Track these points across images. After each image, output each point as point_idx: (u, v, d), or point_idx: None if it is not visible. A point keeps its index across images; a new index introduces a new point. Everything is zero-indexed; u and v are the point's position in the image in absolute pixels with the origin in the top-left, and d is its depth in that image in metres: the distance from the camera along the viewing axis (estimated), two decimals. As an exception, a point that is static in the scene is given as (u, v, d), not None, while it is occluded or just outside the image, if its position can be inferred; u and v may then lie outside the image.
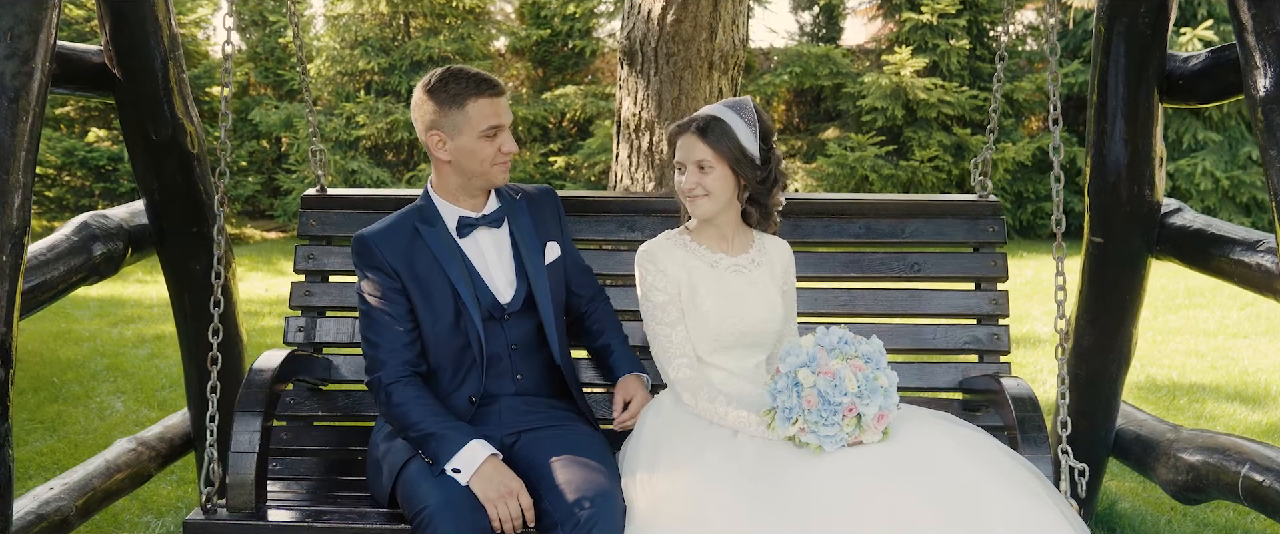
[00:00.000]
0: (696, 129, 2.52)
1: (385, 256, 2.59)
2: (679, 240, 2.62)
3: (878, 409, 2.29)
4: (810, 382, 2.28)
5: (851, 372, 2.29)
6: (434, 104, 2.57)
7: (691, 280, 2.55)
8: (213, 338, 2.65)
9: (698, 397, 2.48)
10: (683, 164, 2.54)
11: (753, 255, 2.64)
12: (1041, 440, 2.58)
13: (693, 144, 2.53)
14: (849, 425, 2.27)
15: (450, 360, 2.61)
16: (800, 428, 2.29)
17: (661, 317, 2.54)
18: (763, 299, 2.61)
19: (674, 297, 2.55)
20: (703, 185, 2.52)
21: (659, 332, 2.55)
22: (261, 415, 2.61)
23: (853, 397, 2.27)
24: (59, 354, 6.46)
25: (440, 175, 2.66)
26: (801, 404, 2.28)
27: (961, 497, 2.17)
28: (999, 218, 3.20)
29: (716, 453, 2.38)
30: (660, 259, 2.57)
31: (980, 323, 3.12)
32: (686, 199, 2.56)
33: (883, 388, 2.30)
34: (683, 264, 2.57)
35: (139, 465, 3.37)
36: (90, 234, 3.06)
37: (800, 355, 2.33)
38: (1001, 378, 2.85)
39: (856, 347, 2.34)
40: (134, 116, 3.18)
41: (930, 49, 11.58)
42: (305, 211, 3.22)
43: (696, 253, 2.60)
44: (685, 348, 2.53)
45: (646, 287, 2.57)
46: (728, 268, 2.60)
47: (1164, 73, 3.03)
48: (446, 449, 2.45)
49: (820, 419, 2.27)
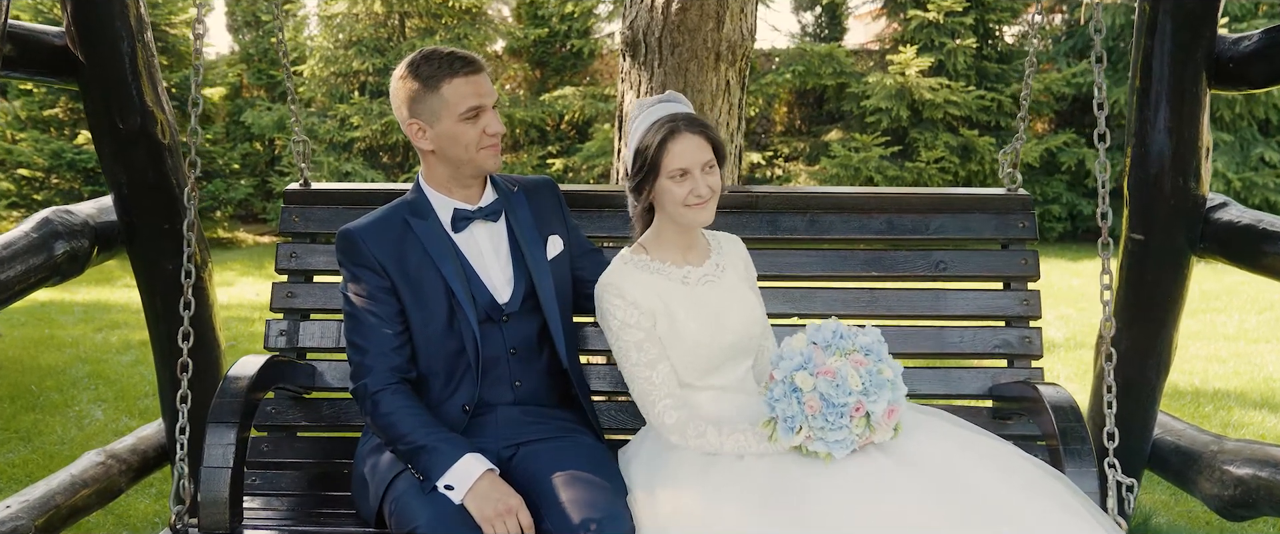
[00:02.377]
0: (699, 128, 2.28)
1: (373, 252, 2.40)
2: (639, 262, 2.34)
3: (887, 404, 2.11)
4: (810, 385, 2.10)
5: (853, 368, 2.10)
6: (408, 90, 2.39)
7: (667, 306, 2.30)
8: (183, 342, 2.44)
9: (687, 436, 2.26)
10: (689, 169, 2.26)
11: (715, 259, 2.41)
12: (1085, 453, 2.39)
13: (701, 145, 2.27)
14: (858, 426, 2.10)
15: (443, 366, 2.42)
16: (806, 436, 2.11)
17: (639, 356, 2.27)
18: (741, 304, 2.39)
19: (650, 331, 2.28)
20: (711, 187, 2.29)
21: (638, 374, 2.28)
22: (236, 426, 2.41)
23: (858, 395, 2.09)
24: (39, 361, 6.27)
25: (428, 166, 2.49)
26: (804, 410, 2.10)
27: (994, 516, 2.02)
28: (1029, 212, 3.02)
29: (723, 474, 2.19)
30: (627, 289, 2.29)
31: (1009, 325, 2.95)
32: (695, 207, 2.27)
33: (889, 380, 2.12)
34: (652, 289, 2.31)
35: (108, 480, 3.16)
36: (52, 231, 2.84)
37: (794, 358, 2.14)
38: (1038, 385, 2.64)
39: (854, 339, 2.15)
40: (99, 103, 2.96)
41: (936, 48, 11.39)
42: (288, 207, 3.03)
43: (663, 272, 2.34)
44: (670, 387, 2.28)
45: (617, 324, 2.29)
46: (699, 281, 2.36)
47: (1213, 55, 2.82)
48: (438, 463, 2.25)
49: (827, 424, 2.09)
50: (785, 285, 2.97)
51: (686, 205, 2.26)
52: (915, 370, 2.94)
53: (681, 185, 2.25)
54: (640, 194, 2.32)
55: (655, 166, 2.25)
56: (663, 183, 2.27)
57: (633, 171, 2.31)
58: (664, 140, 2.25)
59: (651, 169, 2.25)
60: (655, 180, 2.27)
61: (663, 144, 2.25)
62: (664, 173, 2.25)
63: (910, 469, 2.12)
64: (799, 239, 3.01)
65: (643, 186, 2.29)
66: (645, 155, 2.26)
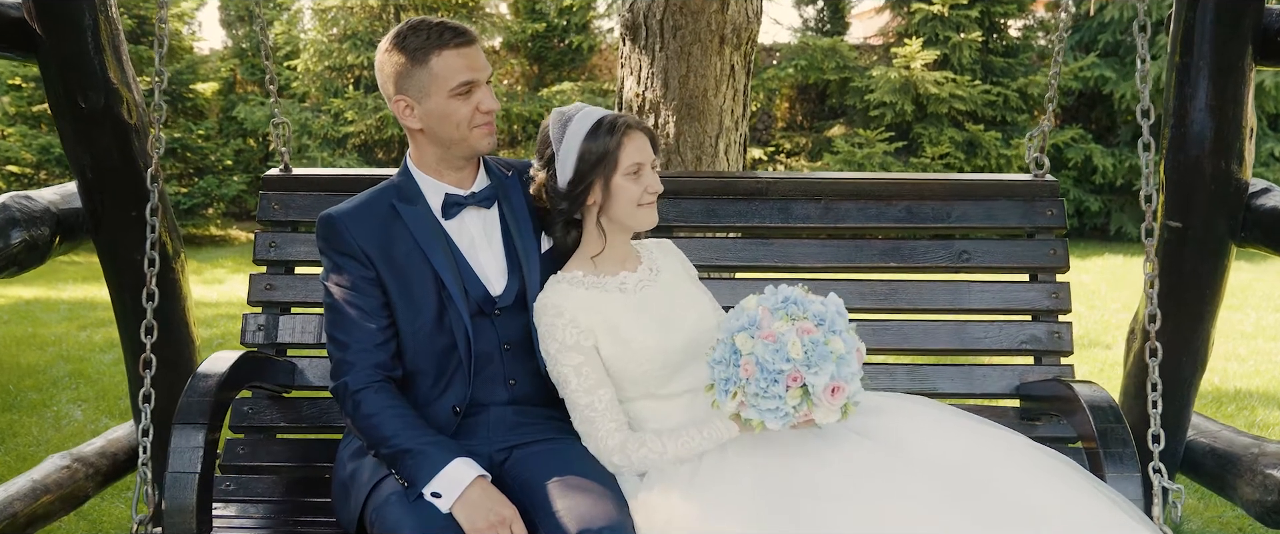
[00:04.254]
0: (643, 128, 2.18)
1: (357, 239, 2.22)
2: (576, 280, 2.20)
3: (829, 379, 1.94)
4: (748, 348, 1.96)
5: (798, 335, 1.94)
6: (394, 64, 2.21)
7: (607, 319, 2.16)
8: (146, 337, 2.25)
9: (630, 454, 2.11)
10: (644, 165, 2.16)
11: (646, 263, 2.28)
12: (1128, 457, 2.22)
13: (646, 143, 2.18)
14: (793, 398, 1.94)
15: (432, 363, 2.24)
16: (740, 403, 1.97)
17: (578, 382, 2.14)
18: (685, 300, 2.26)
19: (589, 353, 2.14)
20: (659, 186, 2.20)
21: (580, 400, 2.14)
22: (204, 428, 2.23)
23: (797, 364, 1.93)
24: (20, 359, 6.09)
25: (417, 147, 2.31)
26: (739, 373, 1.95)
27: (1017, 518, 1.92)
28: (1058, 199, 2.85)
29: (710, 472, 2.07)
30: (566, 307, 2.15)
31: (1037, 319, 2.79)
32: (645, 208, 2.17)
33: (836, 354, 1.95)
34: (591, 306, 2.16)
35: (74, 485, 2.96)
36: (9, 218, 2.64)
37: (741, 317, 2.01)
38: (1073, 383, 2.46)
39: (806, 306, 1.99)
40: (60, 81, 2.75)
41: (941, 42, 11.20)
42: (267, 194, 2.85)
43: (599, 286, 2.20)
44: (613, 411, 2.14)
45: (555, 347, 2.15)
46: (637, 287, 2.22)
47: (1260, 27, 2.62)
48: (425, 469, 2.07)
49: (759, 391, 1.94)
50: (798, 277, 2.81)
51: (640, 205, 2.17)
52: (936, 368, 2.77)
53: (637, 183, 2.16)
54: (582, 200, 2.19)
55: (613, 163, 2.14)
56: (618, 181, 2.15)
57: (574, 176, 2.17)
58: (621, 138, 2.15)
59: (609, 166, 2.14)
60: (611, 178, 2.15)
61: (620, 141, 2.14)
62: (620, 169, 2.15)
63: (919, 469, 2.00)
64: (812, 227, 2.85)
65: (590, 189, 2.17)
66: (602, 153, 2.15)
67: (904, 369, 2.76)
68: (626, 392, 2.19)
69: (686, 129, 3.95)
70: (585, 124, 2.17)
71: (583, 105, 2.22)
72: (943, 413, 2.29)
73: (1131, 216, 11.05)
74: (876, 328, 2.75)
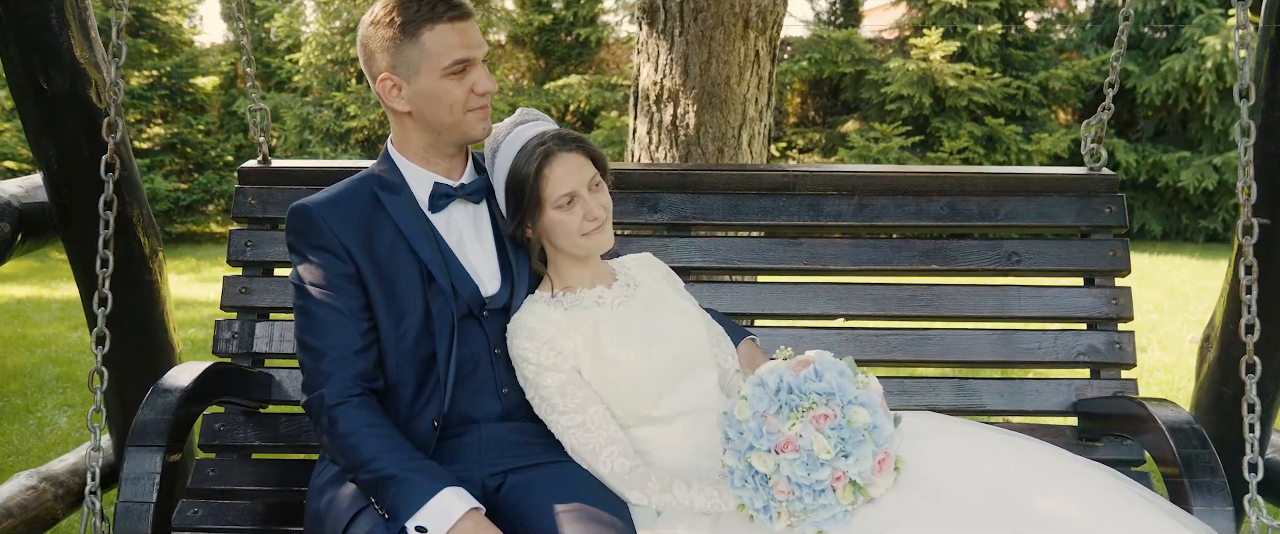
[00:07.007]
0: (574, 143, 1.98)
1: (335, 232, 1.97)
2: (550, 302, 2.01)
3: (872, 455, 1.73)
4: (772, 467, 1.76)
5: (816, 430, 1.72)
6: (381, 38, 1.98)
7: (588, 339, 1.96)
8: (97, 347, 1.98)
9: (648, 491, 1.90)
10: (575, 192, 1.95)
11: (623, 277, 2.09)
12: (1217, 487, 1.97)
13: (581, 163, 1.97)
14: (846, 497, 1.76)
15: (414, 373, 1.99)
16: (789, 522, 1.81)
17: (562, 403, 1.96)
18: (668, 309, 2.06)
19: (571, 373, 1.96)
20: (604, 207, 1.99)
21: (567, 423, 1.95)
22: (161, 450, 1.98)
23: (833, 463, 1.72)
24: (7, 361, 5.90)
25: (403, 132, 2.07)
26: (774, 495, 1.78)
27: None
28: (1117, 195, 2.60)
29: None
30: (540, 329, 1.97)
31: (1094, 328, 2.55)
32: (591, 235, 1.97)
33: (866, 426, 1.73)
34: (569, 325, 1.97)
35: (41, 507, 2.71)
36: (-43, 212, 2.38)
37: (742, 431, 1.78)
38: (1146, 401, 2.19)
39: (806, 387, 1.76)
40: (19, 60, 2.48)
41: (960, 34, 10.91)
42: (243, 188, 2.60)
43: (576, 303, 2.00)
44: (610, 430, 1.94)
45: (532, 370, 1.97)
46: (614, 302, 2.02)
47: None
48: (410, 499, 1.83)
49: (806, 506, 1.74)
50: (828, 281, 2.58)
51: (584, 235, 1.98)
52: (983, 382, 2.52)
53: (572, 214, 1.96)
54: (524, 234, 2.00)
55: (537, 199, 1.94)
56: (550, 216, 1.96)
57: (509, 211, 1.99)
58: (539, 167, 1.93)
59: (533, 203, 1.94)
60: (540, 215, 1.95)
61: (539, 172, 1.94)
62: (549, 204, 1.95)
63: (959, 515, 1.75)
64: (845, 226, 2.61)
65: (525, 225, 1.98)
66: (522, 189, 1.95)
67: (947, 383, 2.52)
68: (619, 419, 1.97)
69: (707, 119, 3.68)
70: (511, 152, 1.97)
71: (521, 121, 2.02)
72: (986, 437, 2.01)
73: (1155, 214, 10.78)
74: (916, 337, 2.52)
